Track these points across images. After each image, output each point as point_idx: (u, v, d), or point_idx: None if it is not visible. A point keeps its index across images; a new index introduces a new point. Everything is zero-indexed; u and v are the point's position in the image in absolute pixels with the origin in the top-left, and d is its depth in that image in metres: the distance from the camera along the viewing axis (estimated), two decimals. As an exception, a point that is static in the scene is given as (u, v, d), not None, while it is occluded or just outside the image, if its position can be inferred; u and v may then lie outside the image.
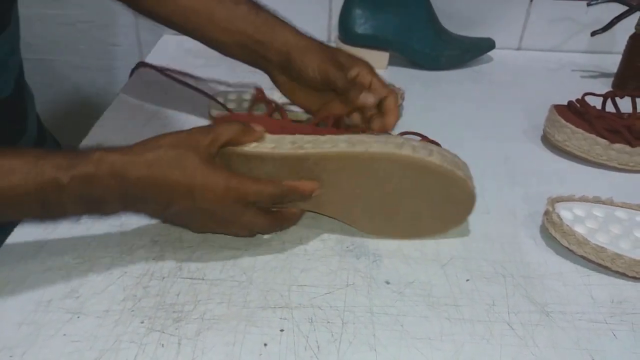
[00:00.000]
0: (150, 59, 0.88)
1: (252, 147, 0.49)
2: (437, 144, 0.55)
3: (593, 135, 0.64)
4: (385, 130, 0.58)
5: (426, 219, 0.52)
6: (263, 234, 0.52)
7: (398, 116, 0.59)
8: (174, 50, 0.92)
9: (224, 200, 0.46)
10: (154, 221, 0.53)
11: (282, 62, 0.60)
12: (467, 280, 0.48)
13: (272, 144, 0.50)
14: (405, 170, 0.49)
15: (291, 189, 0.48)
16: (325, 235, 0.53)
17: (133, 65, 0.82)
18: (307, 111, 0.64)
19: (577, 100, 0.68)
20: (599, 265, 0.50)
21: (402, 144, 0.48)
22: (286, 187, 0.48)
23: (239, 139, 0.49)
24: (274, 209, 0.51)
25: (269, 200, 0.48)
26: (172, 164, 0.44)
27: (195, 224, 0.50)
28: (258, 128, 0.50)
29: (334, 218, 0.54)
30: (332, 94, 0.60)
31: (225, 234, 0.51)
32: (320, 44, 0.61)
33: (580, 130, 0.64)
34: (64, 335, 0.42)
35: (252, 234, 0.51)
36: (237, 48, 0.62)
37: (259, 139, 0.50)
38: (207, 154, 0.46)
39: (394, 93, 0.60)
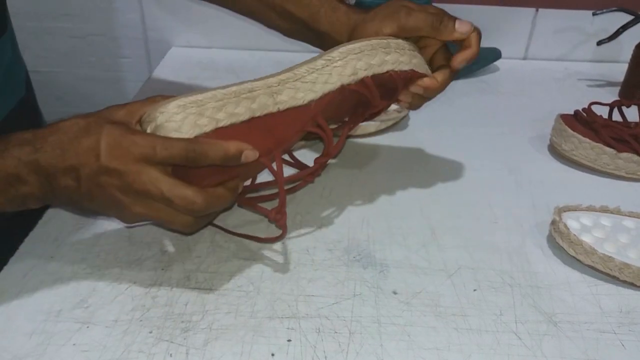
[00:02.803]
0: (158, 72, 0.90)
1: None
2: None
3: (600, 145, 0.64)
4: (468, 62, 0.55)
5: None
6: (196, 213, 0.44)
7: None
8: (182, 62, 0.93)
9: (129, 157, 0.42)
10: (162, 231, 0.53)
11: (346, 39, 0.56)
12: (475, 290, 0.48)
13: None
14: None
15: (207, 145, 0.43)
16: (332, 245, 0.53)
17: (141, 78, 0.83)
18: None
19: (584, 109, 0.68)
20: (607, 274, 0.50)
21: None
22: (202, 142, 0.43)
23: None
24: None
25: (181, 156, 0.42)
26: (80, 130, 0.43)
27: (109, 201, 0.43)
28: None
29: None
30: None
31: (155, 217, 0.44)
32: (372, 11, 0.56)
33: (587, 140, 0.64)
34: (74, 344, 0.42)
35: (186, 223, 0.45)
36: (291, 33, 0.61)
37: None
38: (121, 121, 0.44)
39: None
